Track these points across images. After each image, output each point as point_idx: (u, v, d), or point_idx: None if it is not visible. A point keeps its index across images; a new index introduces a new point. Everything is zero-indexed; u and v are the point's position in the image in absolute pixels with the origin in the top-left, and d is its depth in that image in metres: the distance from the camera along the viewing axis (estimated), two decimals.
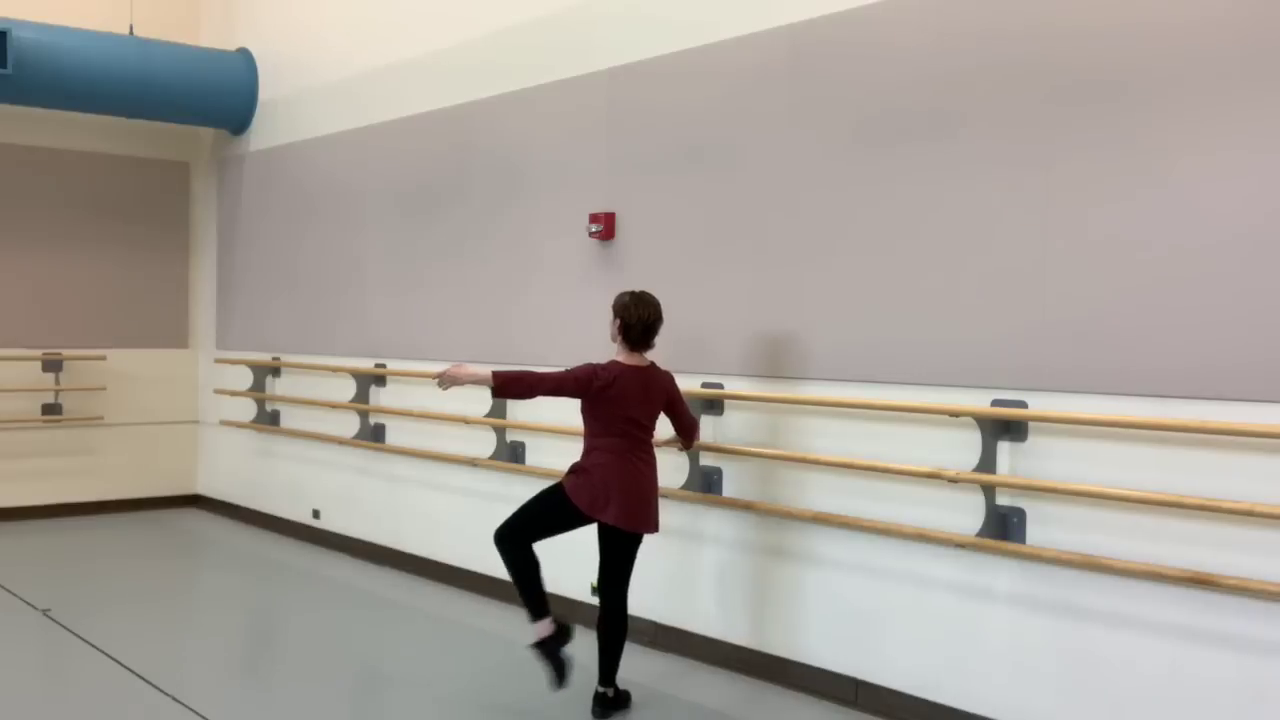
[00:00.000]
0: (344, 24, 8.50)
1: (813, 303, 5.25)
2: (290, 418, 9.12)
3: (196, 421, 10.41)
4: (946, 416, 4.66)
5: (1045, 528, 4.45)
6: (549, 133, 6.64)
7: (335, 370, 8.30)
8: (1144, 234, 4.15)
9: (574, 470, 4.94)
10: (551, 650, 4.92)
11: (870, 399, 4.96)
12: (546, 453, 6.63)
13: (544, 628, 4.89)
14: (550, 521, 4.95)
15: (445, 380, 4.98)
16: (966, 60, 4.69)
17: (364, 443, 8.11)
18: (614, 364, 4.92)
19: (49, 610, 6.61)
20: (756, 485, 5.51)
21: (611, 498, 4.83)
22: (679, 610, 5.89)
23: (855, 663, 5.12)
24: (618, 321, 4.94)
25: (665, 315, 5.11)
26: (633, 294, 4.98)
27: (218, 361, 9.85)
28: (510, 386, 4.92)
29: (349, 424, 8.27)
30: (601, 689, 4.98)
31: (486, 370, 4.91)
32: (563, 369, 4.97)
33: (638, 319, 4.90)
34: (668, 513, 5.20)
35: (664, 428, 5.21)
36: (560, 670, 4.93)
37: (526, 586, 4.90)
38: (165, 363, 10.23)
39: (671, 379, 5.11)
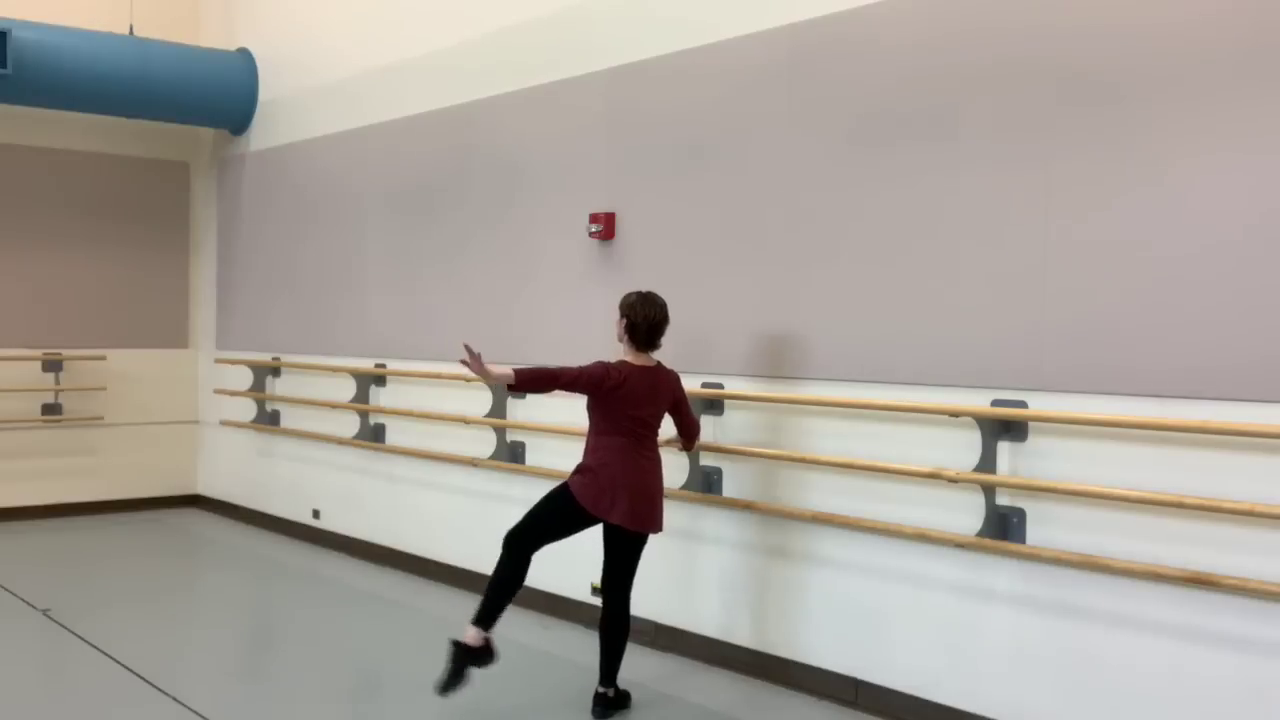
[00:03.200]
0: (344, 24, 8.50)
1: (813, 302, 5.25)
2: (290, 418, 9.12)
3: (196, 421, 10.41)
4: (946, 416, 4.66)
5: (1045, 528, 4.45)
6: (549, 133, 6.64)
7: (335, 370, 8.30)
8: (1144, 234, 4.15)
9: (579, 470, 4.94)
10: (464, 658, 4.81)
11: (870, 399, 4.96)
12: (546, 453, 6.63)
13: (476, 636, 4.81)
14: (558, 524, 4.93)
15: (471, 367, 4.93)
16: (967, 60, 4.69)
17: (364, 443, 8.11)
18: (624, 364, 4.93)
19: (49, 610, 6.61)
20: (757, 485, 5.51)
21: (618, 497, 4.82)
22: (679, 610, 5.89)
23: (855, 663, 5.12)
24: (624, 321, 4.94)
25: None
26: (640, 294, 4.98)
27: (218, 361, 9.85)
28: (528, 385, 4.93)
29: (349, 424, 8.27)
30: (602, 689, 4.98)
31: (508, 369, 4.89)
32: (575, 366, 4.96)
33: (644, 319, 4.91)
34: (668, 512, 5.19)
35: (665, 426, 5.21)
36: (455, 681, 4.80)
37: (495, 594, 4.86)
38: (165, 363, 10.23)
39: (677, 379, 5.11)
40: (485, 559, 7.07)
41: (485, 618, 4.85)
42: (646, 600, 5.75)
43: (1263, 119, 3.87)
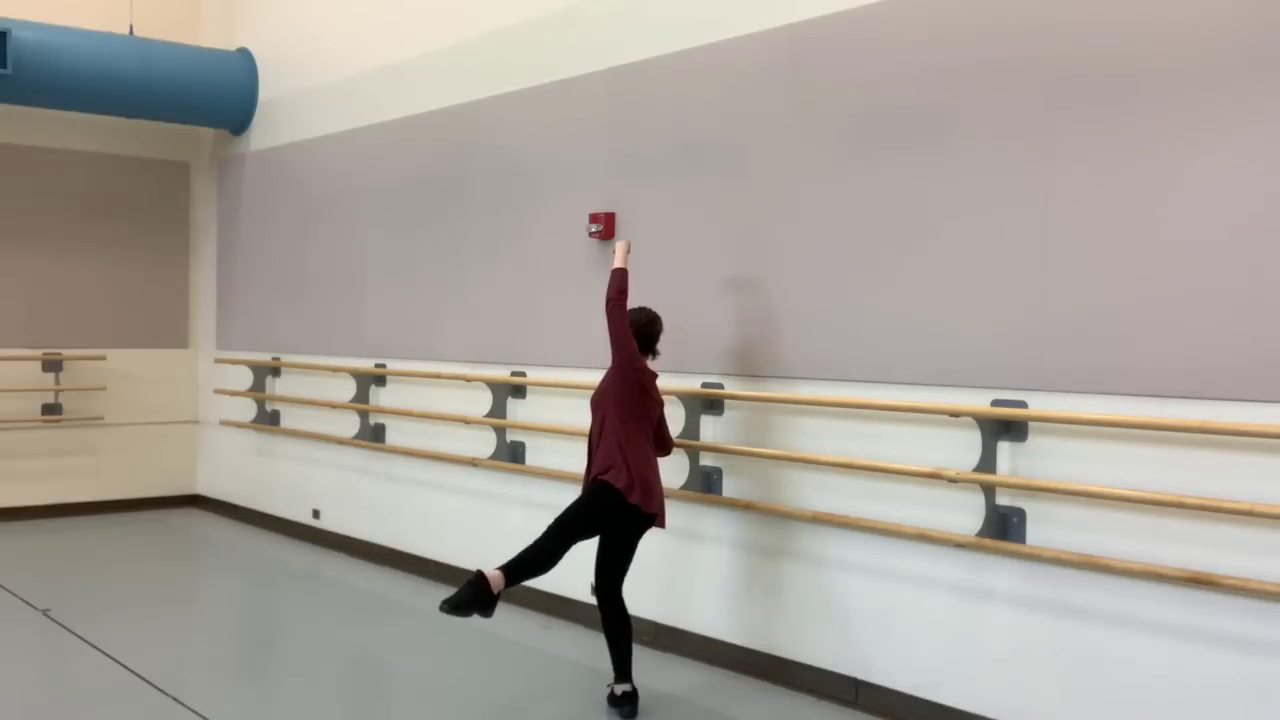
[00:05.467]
0: (344, 24, 8.50)
1: (813, 302, 5.25)
2: (290, 418, 9.12)
3: (196, 421, 10.41)
4: (946, 416, 4.66)
5: (1045, 528, 4.45)
6: (549, 133, 6.64)
7: (335, 370, 8.30)
8: (1144, 233, 4.15)
9: (613, 468, 4.92)
10: (479, 597, 4.72)
11: (870, 399, 4.96)
12: (546, 453, 6.63)
13: (499, 581, 4.73)
14: (595, 532, 4.98)
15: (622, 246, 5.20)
16: (967, 59, 4.69)
17: (364, 443, 8.11)
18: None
19: (49, 610, 6.61)
20: (756, 485, 5.51)
21: (660, 493, 5.01)
22: (679, 610, 5.89)
23: (855, 663, 5.12)
24: None
25: (666, 315, 5.17)
26: (636, 307, 5.17)
27: (218, 361, 9.85)
28: (619, 276, 5.04)
29: (349, 424, 8.27)
30: (627, 687, 4.99)
31: (622, 270, 5.06)
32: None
33: (633, 320, 5.06)
34: (668, 512, 5.19)
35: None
36: (465, 605, 4.71)
37: (527, 568, 4.83)
38: (165, 363, 10.23)
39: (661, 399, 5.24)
40: (485, 559, 7.08)
41: (515, 572, 4.78)
42: (646, 600, 5.76)
43: (1263, 119, 3.87)
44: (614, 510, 4.91)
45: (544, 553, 4.85)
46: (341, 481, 8.47)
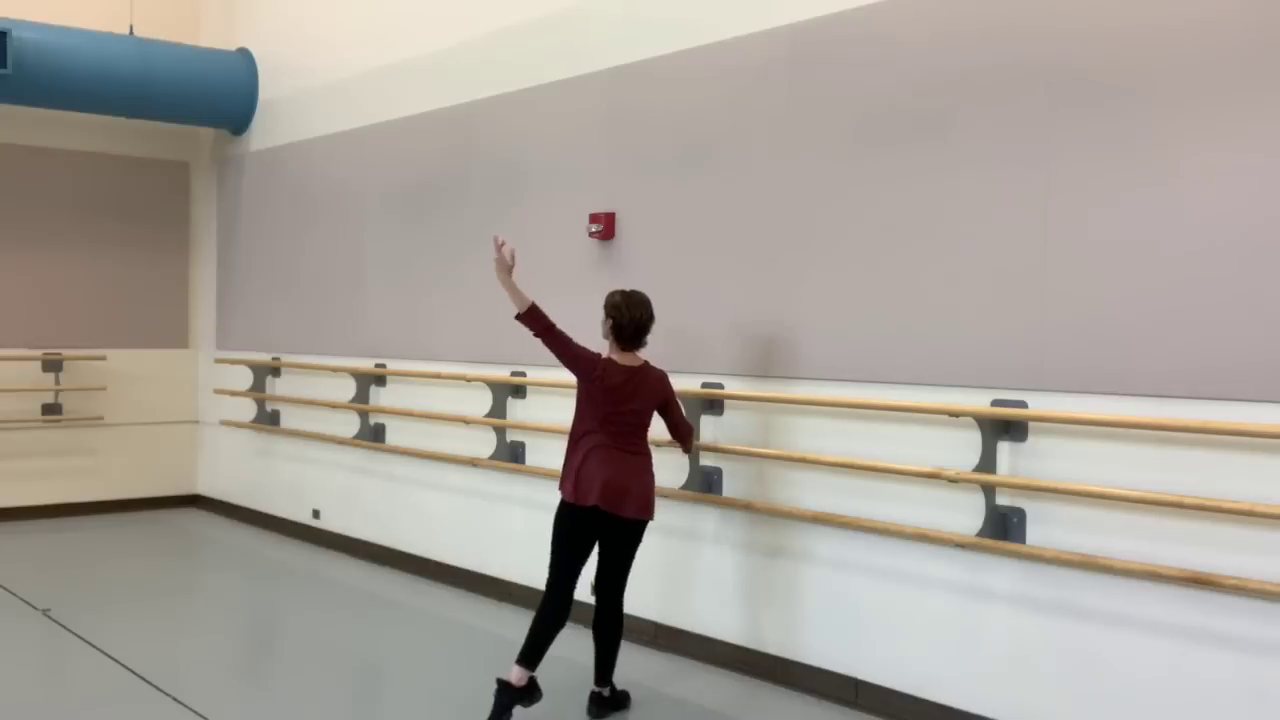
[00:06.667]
0: (344, 24, 8.50)
1: (813, 302, 5.25)
2: (290, 418, 9.12)
3: (196, 421, 10.42)
4: (946, 416, 4.66)
5: (1045, 528, 4.45)
6: (549, 133, 6.64)
7: (335, 370, 8.30)
8: (1143, 234, 4.15)
9: (563, 479, 4.90)
10: (508, 699, 4.72)
11: (870, 399, 4.96)
12: (546, 453, 6.63)
13: (520, 675, 4.75)
14: (576, 545, 4.89)
15: (497, 263, 5.03)
16: (967, 60, 4.69)
17: (364, 443, 8.11)
18: (609, 360, 4.92)
19: (49, 610, 6.62)
20: (756, 485, 5.51)
21: (594, 484, 4.77)
22: (679, 610, 5.89)
23: (855, 663, 5.12)
24: (609, 321, 4.93)
25: (665, 315, 5.12)
26: (624, 293, 4.96)
27: (218, 361, 9.85)
28: (531, 322, 4.91)
29: (349, 424, 8.27)
30: (597, 689, 4.98)
31: (528, 298, 4.93)
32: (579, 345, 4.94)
33: (630, 319, 4.88)
34: (667, 512, 5.19)
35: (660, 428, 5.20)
36: (502, 716, 4.70)
37: (538, 634, 4.81)
38: (165, 363, 10.23)
39: (666, 379, 5.05)
40: (485, 559, 7.12)
41: (528, 656, 4.79)
42: (646, 600, 5.76)
43: (1263, 120, 3.87)
44: (577, 521, 4.83)
45: (546, 608, 4.83)
46: (341, 481, 8.47)
